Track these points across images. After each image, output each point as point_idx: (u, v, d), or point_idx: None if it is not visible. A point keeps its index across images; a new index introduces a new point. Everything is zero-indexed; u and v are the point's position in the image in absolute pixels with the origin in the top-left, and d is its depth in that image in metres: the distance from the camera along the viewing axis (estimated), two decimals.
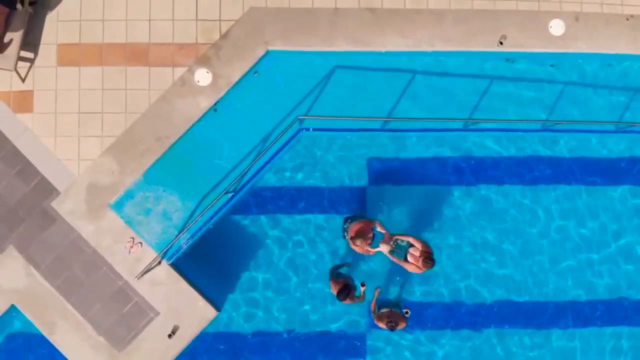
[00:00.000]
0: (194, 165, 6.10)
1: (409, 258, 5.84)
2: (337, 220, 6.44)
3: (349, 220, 6.21)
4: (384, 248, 5.88)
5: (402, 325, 6.07)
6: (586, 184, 6.57)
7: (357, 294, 6.11)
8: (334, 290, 5.99)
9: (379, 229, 5.91)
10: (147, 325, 5.94)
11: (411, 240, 5.84)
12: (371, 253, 5.96)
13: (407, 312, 6.26)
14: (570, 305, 6.62)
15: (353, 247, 5.88)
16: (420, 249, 5.76)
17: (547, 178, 6.64)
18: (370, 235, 5.87)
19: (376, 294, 6.27)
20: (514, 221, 6.66)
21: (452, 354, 6.46)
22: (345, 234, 6.18)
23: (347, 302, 5.98)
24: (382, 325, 6.07)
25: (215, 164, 6.12)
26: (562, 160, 6.68)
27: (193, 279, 6.00)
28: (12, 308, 6.07)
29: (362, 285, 6.13)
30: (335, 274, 6.21)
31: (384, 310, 6.20)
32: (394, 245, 5.88)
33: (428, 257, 5.68)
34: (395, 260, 5.90)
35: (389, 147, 6.58)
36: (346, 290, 5.83)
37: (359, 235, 5.80)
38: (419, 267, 5.78)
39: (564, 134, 6.55)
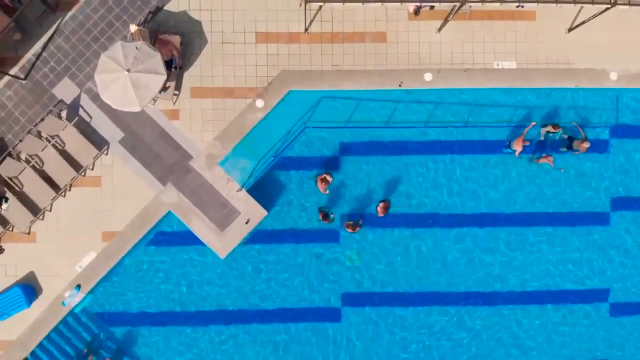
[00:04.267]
0: (256, 145, 12.76)
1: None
2: (339, 169, 13.12)
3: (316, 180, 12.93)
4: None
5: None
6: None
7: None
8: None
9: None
10: (235, 219, 12.57)
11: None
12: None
13: (360, 222, 12.87)
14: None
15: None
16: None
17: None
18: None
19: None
20: (432, 174, 13.29)
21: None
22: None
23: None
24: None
25: (266, 144, 12.79)
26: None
27: (256, 196, 12.64)
28: (169, 213, 12.70)
29: (331, 214, 12.81)
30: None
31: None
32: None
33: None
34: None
35: (351, 137, 13.22)
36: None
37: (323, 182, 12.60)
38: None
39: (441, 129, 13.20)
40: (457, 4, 11.23)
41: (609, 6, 11.54)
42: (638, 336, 14.10)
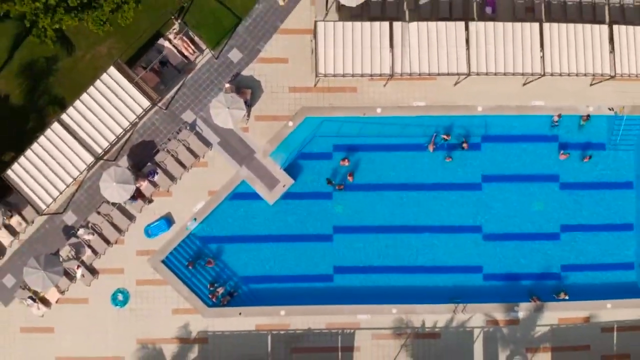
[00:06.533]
0: (288, 146, 24.35)
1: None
2: (332, 159, 24.64)
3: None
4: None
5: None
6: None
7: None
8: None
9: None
10: (277, 184, 24.10)
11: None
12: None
13: (343, 183, 24.42)
14: None
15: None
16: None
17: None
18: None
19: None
20: (380, 161, 24.84)
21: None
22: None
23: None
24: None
25: (293, 145, 24.37)
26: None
27: (288, 172, 24.20)
28: (243, 181, 24.27)
29: (333, 181, 24.34)
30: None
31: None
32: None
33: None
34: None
35: (338, 141, 24.76)
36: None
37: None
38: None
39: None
40: (389, 76, 22.83)
41: (465, 76, 23.12)
42: (502, 254, 25.41)
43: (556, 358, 25.06)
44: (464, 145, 24.93)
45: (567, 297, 25.09)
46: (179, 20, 24.00)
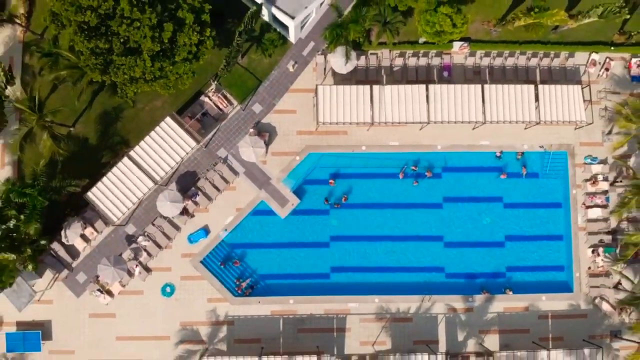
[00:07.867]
0: (296, 174, 32.54)
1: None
2: (329, 185, 32.97)
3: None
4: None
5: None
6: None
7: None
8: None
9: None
10: (287, 202, 32.24)
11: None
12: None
13: (339, 203, 32.55)
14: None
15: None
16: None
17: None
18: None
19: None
20: (364, 186, 33.06)
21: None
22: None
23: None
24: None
25: (300, 174, 32.56)
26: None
27: (296, 194, 32.29)
28: (262, 201, 32.41)
29: (330, 201, 32.49)
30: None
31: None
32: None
33: None
34: None
35: (334, 171, 32.97)
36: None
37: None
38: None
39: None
40: (370, 123, 31.23)
41: (427, 124, 31.53)
42: (459, 257, 33.07)
43: (503, 339, 32.37)
44: (428, 174, 33.05)
45: (511, 292, 32.55)
46: (216, 82, 32.65)
